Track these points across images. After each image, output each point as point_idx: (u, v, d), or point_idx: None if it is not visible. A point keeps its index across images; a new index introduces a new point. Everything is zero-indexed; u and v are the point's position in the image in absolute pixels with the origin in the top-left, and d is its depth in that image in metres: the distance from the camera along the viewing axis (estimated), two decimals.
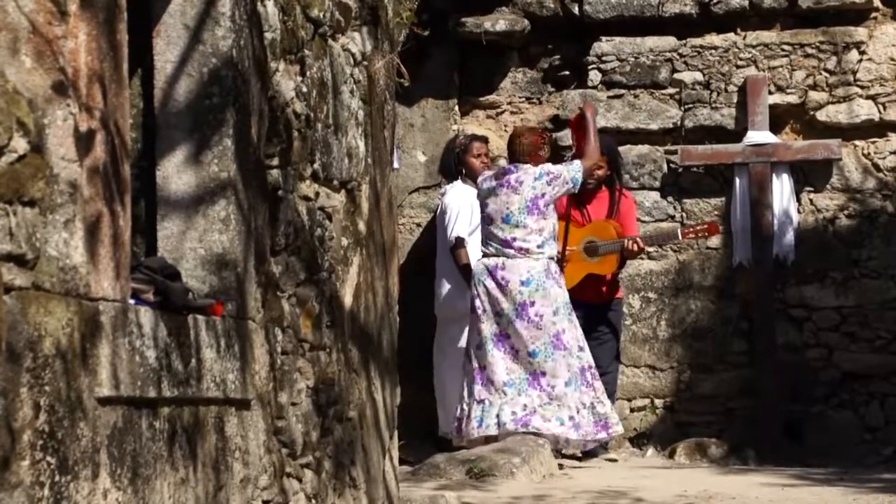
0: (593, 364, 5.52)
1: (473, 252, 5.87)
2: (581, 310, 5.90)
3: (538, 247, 5.49)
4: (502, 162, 6.79)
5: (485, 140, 6.20)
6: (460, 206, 5.91)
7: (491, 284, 5.45)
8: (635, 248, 5.87)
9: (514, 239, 5.48)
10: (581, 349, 5.49)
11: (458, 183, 6.03)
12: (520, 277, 5.43)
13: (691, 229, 6.19)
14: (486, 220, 5.58)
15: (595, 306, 6.00)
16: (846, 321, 6.47)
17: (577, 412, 5.40)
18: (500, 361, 5.40)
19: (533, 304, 5.42)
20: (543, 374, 5.41)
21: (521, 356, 5.43)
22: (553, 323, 5.41)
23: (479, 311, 5.47)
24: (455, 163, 6.07)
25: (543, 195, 5.52)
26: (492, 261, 5.49)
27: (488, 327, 5.44)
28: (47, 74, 1.95)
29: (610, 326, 6.04)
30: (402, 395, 3.80)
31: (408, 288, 5.70)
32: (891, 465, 5.96)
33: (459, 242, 5.87)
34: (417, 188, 6.70)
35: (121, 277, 2.13)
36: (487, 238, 5.55)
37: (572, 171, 5.59)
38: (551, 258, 5.54)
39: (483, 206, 5.61)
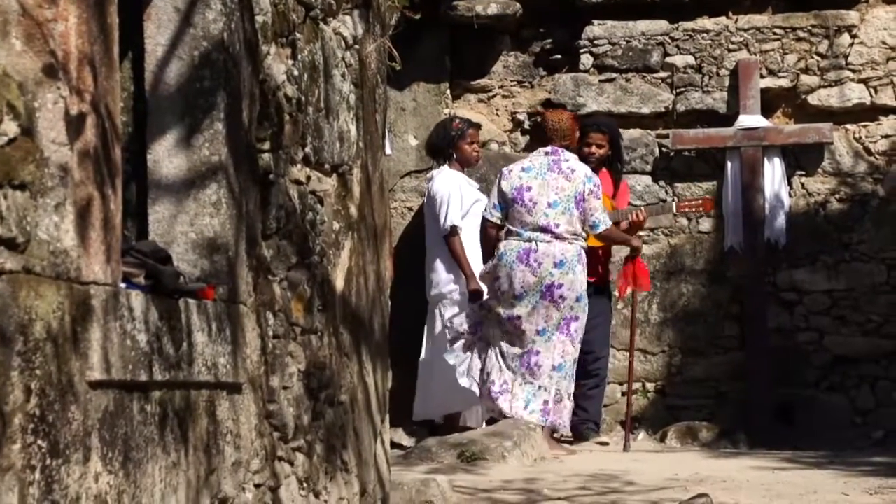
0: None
1: (467, 238, 5.84)
2: None
3: (573, 234, 5.48)
4: (494, 146, 6.79)
5: (478, 127, 6.19)
6: (450, 192, 5.88)
7: (520, 267, 5.41)
8: (638, 217, 5.88)
9: (558, 225, 5.47)
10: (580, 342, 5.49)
11: (445, 168, 6.01)
12: (553, 259, 5.43)
13: (687, 203, 6.21)
14: (522, 203, 5.46)
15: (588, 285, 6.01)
16: (837, 305, 6.50)
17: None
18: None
19: (560, 286, 5.40)
20: (538, 352, 5.41)
21: (526, 336, 5.42)
22: (571, 308, 5.41)
23: (502, 293, 5.41)
24: (447, 146, 6.04)
25: (584, 199, 5.48)
26: (525, 245, 5.43)
27: (506, 310, 5.41)
28: (37, 57, 1.94)
29: (602, 310, 6.05)
30: (394, 380, 3.80)
31: (401, 272, 5.71)
32: (881, 448, 6.00)
33: (453, 230, 5.84)
34: (409, 172, 6.69)
35: (112, 261, 2.12)
36: (521, 221, 5.46)
37: (600, 217, 5.47)
38: (583, 248, 5.52)
39: (523, 188, 5.48)
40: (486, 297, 5.69)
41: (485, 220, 5.58)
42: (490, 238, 5.58)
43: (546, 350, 5.43)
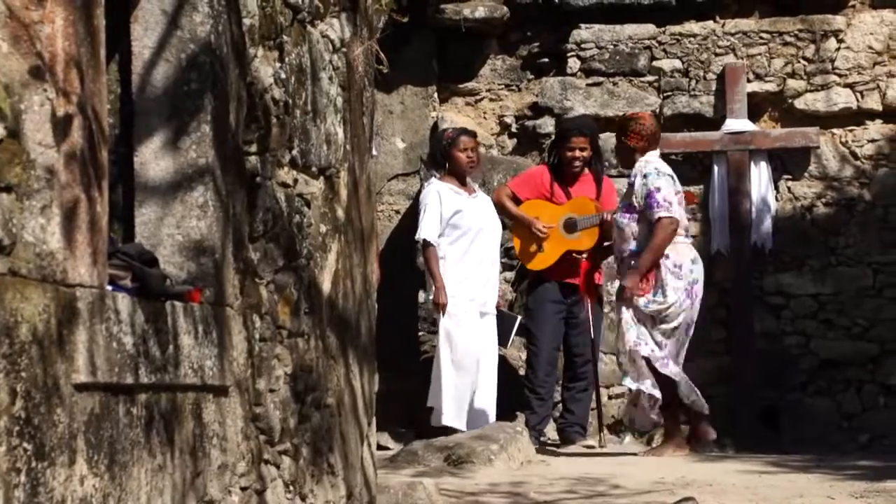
0: None
1: (443, 250, 5.82)
2: (561, 292, 5.94)
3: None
4: (481, 150, 6.81)
5: (473, 135, 6.17)
6: (427, 204, 5.87)
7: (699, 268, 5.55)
8: (608, 219, 5.90)
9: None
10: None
11: (435, 180, 6.00)
12: (690, 257, 5.52)
13: None
14: (682, 205, 5.56)
15: (574, 288, 6.03)
16: (823, 309, 6.53)
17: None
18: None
19: (698, 282, 5.52)
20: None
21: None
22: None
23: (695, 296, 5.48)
24: (441, 155, 6.04)
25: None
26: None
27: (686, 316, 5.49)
28: (24, 59, 1.94)
29: (589, 315, 6.06)
30: (381, 383, 3.80)
31: (387, 275, 5.71)
32: (867, 452, 6.03)
33: (426, 245, 5.82)
34: (396, 175, 6.70)
35: (98, 263, 2.12)
36: (684, 226, 5.56)
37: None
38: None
39: (680, 193, 5.56)
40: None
41: (672, 221, 5.48)
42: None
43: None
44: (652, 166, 5.57)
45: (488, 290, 5.96)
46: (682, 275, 5.47)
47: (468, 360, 5.82)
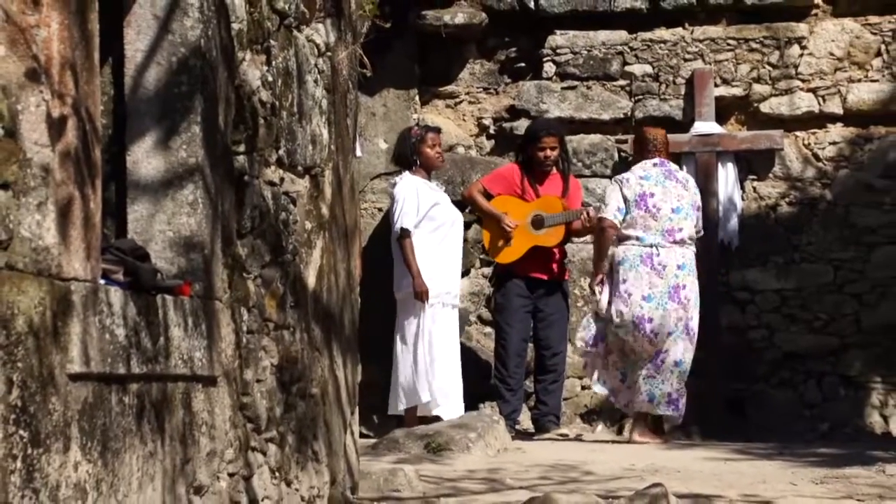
0: None
1: (419, 242, 5.91)
2: (528, 286, 6.04)
3: (690, 239, 5.74)
4: (460, 150, 6.90)
5: (438, 131, 6.27)
6: (406, 196, 5.92)
7: (645, 269, 5.64)
8: (587, 216, 6.01)
9: (681, 230, 5.70)
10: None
11: (407, 174, 6.08)
12: (676, 262, 5.66)
13: None
14: (646, 209, 5.68)
15: (541, 283, 6.13)
16: (786, 303, 6.66)
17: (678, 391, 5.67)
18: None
19: (684, 286, 5.66)
20: (665, 350, 5.63)
21: (658, 337, 5.62)
22: (693, 308, 5.68)
23: (625, 296, 5.62)
24: (410, 152, 6.12)
25: (698, 208, 5.80)
26: (646, 249, 5.67)
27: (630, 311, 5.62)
28: (21, 62, 1.97)
29: (558, 307, 6.17)
30: (364, 374, 3.84)
31: (370, 271, 5.78)
32: (828, 440, 6.15)
33: (404, 233, 5.89)
34: (379, 174, 6.77)
35: (92, 258, 2.14)
36: (644, 226, 5.68)
37: (701, 224, 5.82)
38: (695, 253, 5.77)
39: (646, 195, 5.70)
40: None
41: (603, 220, 5.74)
42: (608, 239, 5.77)
43: (672, 348, 5.62)
44: (623, 174, 5.85)
45: (457, 282, 6.06)
46: (615, 278, 5.68)
47: (450, 352, 5.92)
